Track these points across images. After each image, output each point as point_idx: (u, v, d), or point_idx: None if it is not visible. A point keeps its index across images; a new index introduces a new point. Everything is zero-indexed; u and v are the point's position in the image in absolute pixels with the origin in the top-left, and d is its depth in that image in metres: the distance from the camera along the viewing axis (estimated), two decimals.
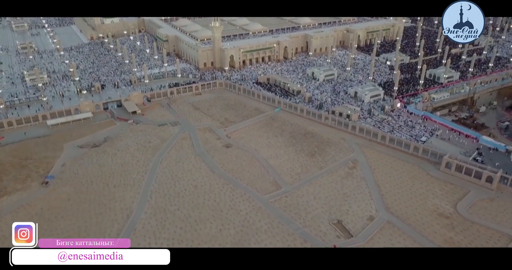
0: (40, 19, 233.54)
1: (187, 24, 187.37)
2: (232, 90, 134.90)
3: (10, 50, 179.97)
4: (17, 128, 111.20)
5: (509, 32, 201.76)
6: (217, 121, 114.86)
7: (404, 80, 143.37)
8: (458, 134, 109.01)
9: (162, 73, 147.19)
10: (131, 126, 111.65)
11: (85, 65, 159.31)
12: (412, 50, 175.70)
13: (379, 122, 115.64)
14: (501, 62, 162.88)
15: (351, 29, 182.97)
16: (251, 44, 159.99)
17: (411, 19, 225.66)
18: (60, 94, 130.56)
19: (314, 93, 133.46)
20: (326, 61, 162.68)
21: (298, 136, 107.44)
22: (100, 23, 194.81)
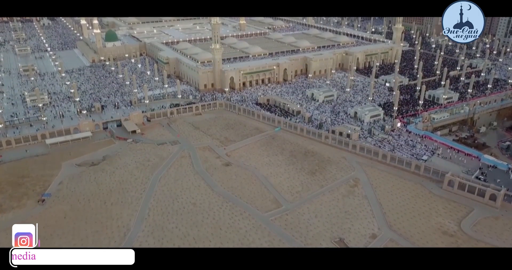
0: (43, 43, 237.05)
1: (188, 47, 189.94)
2: (232, 110, 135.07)
3: (12, 72, 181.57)
4: (15, 147, 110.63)
5: (506, 56, 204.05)
6: (217, 140, 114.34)
7: (403, 101, 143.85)
8: (457, 152, 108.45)
9: (162, 94, 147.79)
10: (130, 145, 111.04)
11: (86, 86, 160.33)
12: (410, 73, 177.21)
13: (379, 141, 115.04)
14: (500, 84, 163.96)
15: (350, 52, 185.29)
16: (251, 66, 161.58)
17: (409, 43, 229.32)
18: (60, 114, 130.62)
19: (314, 113, 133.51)
20: (325, 83, 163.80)
21: (298, 154, 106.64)
22: (101, 46, 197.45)
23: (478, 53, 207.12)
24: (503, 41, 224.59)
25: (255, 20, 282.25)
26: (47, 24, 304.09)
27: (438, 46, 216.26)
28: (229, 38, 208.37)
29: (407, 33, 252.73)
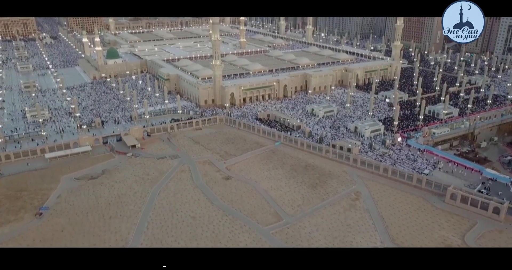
0: (45, 61, 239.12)
1: (188, 64, 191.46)
2: (233, 125, 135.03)
3: (14, 89, 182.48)
4: (14, 161, 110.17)
5: (504, 72, 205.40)
6: (217, 154, 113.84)
7: (403, 116, 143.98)
8: (457, 165, 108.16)
9: (162, 110, 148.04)
10: (129, 159, 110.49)
11: (86, 102, 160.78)
12: (410, 89, 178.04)
13: (380, 156, 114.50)
14: (499, 99, 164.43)
15: (349, 68, 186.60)
16: (251, 82, 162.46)
17: (408, 60, 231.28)
18: (60, 129, 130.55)
19: (314, 128, 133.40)
20: (325, 98, 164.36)
21: (299, 168, 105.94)
22: (103, 63, 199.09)
23: (477, 70, 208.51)
24: (501, 59, 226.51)
25: (255, 38, 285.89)
26: (49, 42, 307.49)
27: (436, 63, 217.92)
28: (230, 56, 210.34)
29: (406, 51, 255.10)
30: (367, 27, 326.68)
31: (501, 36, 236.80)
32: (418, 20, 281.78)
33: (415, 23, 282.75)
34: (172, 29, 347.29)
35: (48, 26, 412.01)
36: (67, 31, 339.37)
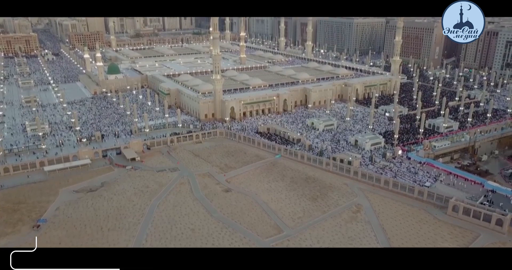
0: (47, 76, 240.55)
1: (189, 79, 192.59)
2: (233, 138, 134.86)
3: (15, 104, 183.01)
4: (13, 174, 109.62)
5: (503, 87, 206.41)
6: (216, 167, 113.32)
7: (403, 129, 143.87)
8: (457, 177, 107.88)
9: (163, 124, 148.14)
10: (129, 172, 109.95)
11: (87, 117, 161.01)
12: (410, 103, 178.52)
13: (381, 168, 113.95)
14: (499, 113, 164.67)
15: (349, 83, 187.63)
16: (252, 97, 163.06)
17: (407, 76, 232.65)
18: (60, 143, 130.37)
19: (314, 141, 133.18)
20: (325, 112, 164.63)
21: (299, 180, 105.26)
22: (103, 78, 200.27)
23: (476, 85, 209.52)
24: (499, 74, 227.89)
25: (255, 54, 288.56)
26: (51, 59, 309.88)
27: (435, 78, 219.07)
28: (230, 71, 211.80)
29: (405, 67, 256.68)
30: (366, 43, 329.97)
31: (499, 51, 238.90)
32: (416, 36, 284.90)
33: (413, 39, 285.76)
34: (172, 45, 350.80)
35: (50, 43, 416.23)
36: (69, 48, 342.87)
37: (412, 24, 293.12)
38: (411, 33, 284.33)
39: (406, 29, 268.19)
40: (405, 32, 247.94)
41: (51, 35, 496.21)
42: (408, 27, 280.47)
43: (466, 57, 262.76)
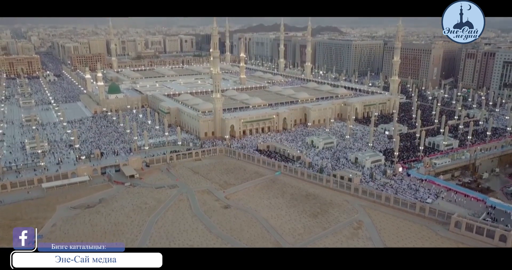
0: (48, 96, 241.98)
1: (189, 98, 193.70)
2: (232, 156, 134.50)
3: (15, 123, 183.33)
4: (10, 191, 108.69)
5: (502, 107, 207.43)
6: (216, 184, 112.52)
7: (403, 147, 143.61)
8: (456, 193, 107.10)
9: (162, 142, 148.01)
10: (127, 189, 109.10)
11: (86, 135, 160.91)
12: (409, 122, 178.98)
13: (381, 186, 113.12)
14: (498, 132, 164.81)
15: (348, 102, 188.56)
16: (251, 115, 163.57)
17: (406, 95, 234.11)
18: (59, 160, 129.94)
19: (314, 159, 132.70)
20: (325, 131, 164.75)
21: (299, 197, 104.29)
22: (104, 98, 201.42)
23: (475, 104, 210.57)
24: (497, 94, 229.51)
25: (255, 75, 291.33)
26: (53, 80, 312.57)
27: (434, 98, 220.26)
28: (230, 91, 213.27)
29: (404, 87, 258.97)
30: (365, 64, 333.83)
31: (497, 72, 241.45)
32: (414, 57, 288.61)
33: (411, 60, 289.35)
34: (173, 67, 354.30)
35: (52, 65, 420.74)
36: (70, 70, 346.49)
37: (410, 45, 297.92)
38: (409, 54, 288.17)
39: (404, 50, 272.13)
40: (403, 53, 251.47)
41: (53, 57, 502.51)
42: (406, 48, 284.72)
43: (464, 77, 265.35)
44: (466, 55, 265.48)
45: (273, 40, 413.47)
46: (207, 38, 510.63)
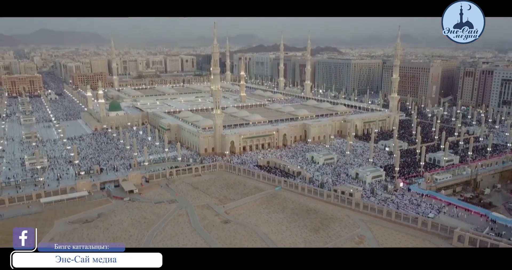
0: (49, 114, 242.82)
1: (189, 115, 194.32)
2: (232, 171, 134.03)
3: (15, 140, 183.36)
4: (9, 206, 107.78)
5: (501, 124, 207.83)
6: (216, 199, 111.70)
7: (404, 163, 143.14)
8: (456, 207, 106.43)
9: (162, 158, 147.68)
10: (126, 204, 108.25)
11: (86, 152, 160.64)
12: (409, 139, 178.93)
13: (383, 201, 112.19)
14: (499, 148, 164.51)
15: (348, 119, 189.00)
16: (251, 131, 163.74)
17: (405, 113, 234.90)
18: (59, 176, 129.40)
19: (315, 174, 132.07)
20: (325, 147, 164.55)
21: (300, 212, 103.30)
22: (105, 115, 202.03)
23: (474, 121, 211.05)
24: (497, 111, 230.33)
25: (255, 93, 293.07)
26: (54, 98, 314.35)
27: (434, 115, 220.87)
28: (230, 108, 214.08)
29: (403, 105, 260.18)
30: (364, 83, 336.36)
31: (495, 89, 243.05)
32: (413, 75, 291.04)
33: (410, 79, 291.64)
34: (174, 85, 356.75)
35: (54, 84, 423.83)
36: (72, 88, 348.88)
37: (409, 64, 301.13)
38: (407, 73, 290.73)
39: (403, 69, 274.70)
40: (402, 72, 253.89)
41: (55, 77, 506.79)
42: (405, 66, 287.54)
43: (463, 95, 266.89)
44: (465, 73, 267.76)
45: (273, 59, 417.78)
46: (207, 58, 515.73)
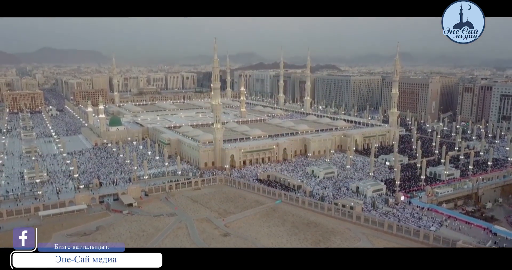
0: (49, 129, 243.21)
1: (189, 130, 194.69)
2: (232, 185, 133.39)
3: (15, 154, 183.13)
4: (6, 219, 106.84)
5: (501, 139, 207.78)
6: (215, 212, 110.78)
7: (405, 177, 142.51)
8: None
9: (162, 172, 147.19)
10: (125, 217, 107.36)
11: (86, 166, 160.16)
12: (409, 153, 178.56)
13: (384, 214, 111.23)
14: (499, 163, 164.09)
15: (348, 134, 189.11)
16: (251, 145, 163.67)
17: (405, 128, 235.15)
18: (58, 190, 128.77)
19: (315, 188, 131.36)
20: (325, 161, 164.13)
21: (300, 225, 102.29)
22: (105, 130, 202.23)
23: (474, 136, 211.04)
24: (496, 126, 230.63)
25: (255, 109, 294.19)
26: (55, 114, 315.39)
27: (433, 130, 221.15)
28: (230, 123, 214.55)
29: (403, 120, 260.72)
30: (364, 99, 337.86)
31: (495, 105, 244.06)
32: (412, 91, 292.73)
33: (410, 95, 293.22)
34: (174, 102, 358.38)
35: (55, 100, 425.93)
36: (73, 105, 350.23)
37: (408, 80, 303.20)
38: (407, 89, 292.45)
39: (402, 85, 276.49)
40: (401, 88, 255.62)
41: (56, 93, 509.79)
42: (404, 82, 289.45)
43: (463, 111, 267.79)
44: (464, 89, 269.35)
45: (273, 76, 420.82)
46: (208, 76, 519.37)
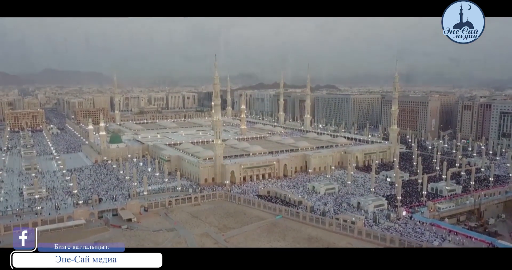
0: (50, 147, 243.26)
1: (190, 147, 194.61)
2: (232, 200, 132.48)
3: (15, 171, 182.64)
4: (3, 235, 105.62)
5: (502, 156, 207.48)
6: (215, 227, 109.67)
7: (406, 193, 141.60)
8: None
9: (161, 188, 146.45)
10: (124, 232, 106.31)
11: (85, 183, 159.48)
12: (410, 170, 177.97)
13: (385, 229, 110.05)
14: (501, 179, 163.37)
15: (348, 150, 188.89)
16: (252, 161, 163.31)
17: (406, 146, 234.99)
18: (56, 206, 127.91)
19: (316, 204, 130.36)
20: (326, 177, 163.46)
21: (301, 240, 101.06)
22: (105, 147, 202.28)
23: (475, 153, 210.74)
24: (496, 143, 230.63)
25: (256, 127, 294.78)
26: (56, 133, 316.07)
27: (434, 148, 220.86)
28: (231, 140, 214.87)
29: (403, 138, 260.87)
30: (363, 117, 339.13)
31: (494, 122, 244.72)
32: (412, 109, 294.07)
33: (409, 112, 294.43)
34: (175, 120, 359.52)
35: (56, 119, 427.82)
36: (74, 123, 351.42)
37: (407, 98, 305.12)
38: (406, 107, 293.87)
39: (402, 103, 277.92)
40: (401, 106, 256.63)
41: (58, 113, 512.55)
42: (404, 101, 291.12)
43: (463, 128, 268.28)
44: (463, 107, 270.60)
45: (273, 96, 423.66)
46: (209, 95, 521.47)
